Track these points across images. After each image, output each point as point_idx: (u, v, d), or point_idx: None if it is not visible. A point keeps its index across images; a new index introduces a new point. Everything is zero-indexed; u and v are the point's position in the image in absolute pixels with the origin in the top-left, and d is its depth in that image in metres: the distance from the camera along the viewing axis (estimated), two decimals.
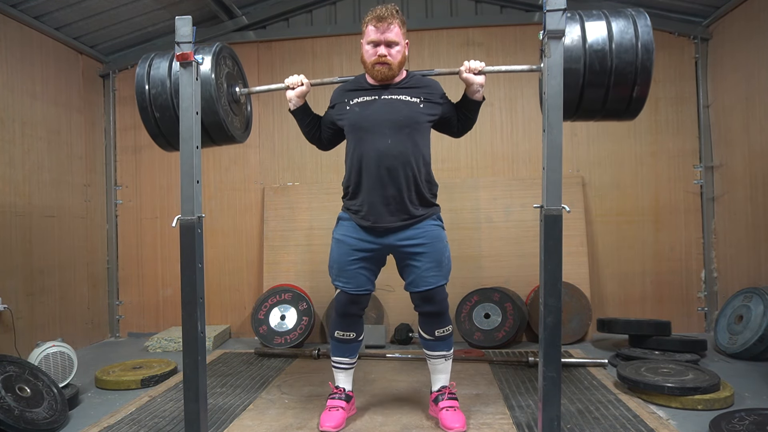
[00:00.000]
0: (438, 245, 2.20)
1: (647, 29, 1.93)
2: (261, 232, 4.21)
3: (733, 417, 2.12)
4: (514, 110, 4.13)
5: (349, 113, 2.21)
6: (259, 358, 3.46)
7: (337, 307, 2.27)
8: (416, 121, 2.17)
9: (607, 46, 1.92)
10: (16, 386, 2.33)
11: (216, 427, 2.25)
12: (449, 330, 2.25)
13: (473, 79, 2.18)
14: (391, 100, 2.17)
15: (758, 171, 3.44)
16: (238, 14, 4.15)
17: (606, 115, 2.09)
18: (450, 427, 2.13)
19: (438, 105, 2.24)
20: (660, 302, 3.97)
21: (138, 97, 2.18)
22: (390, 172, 2.12)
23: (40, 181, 3.60)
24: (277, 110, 4.29)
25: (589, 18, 1.97)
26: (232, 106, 2.35)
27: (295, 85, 2.28)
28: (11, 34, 3.40)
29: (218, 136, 2.26)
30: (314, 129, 2.38)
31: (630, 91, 1.97)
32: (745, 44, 3.53)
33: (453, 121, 2.30)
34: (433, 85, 2.28)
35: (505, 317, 3.59)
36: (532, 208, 1.97)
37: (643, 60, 1.91)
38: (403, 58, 2.17)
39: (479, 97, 2.24)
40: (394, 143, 2.12)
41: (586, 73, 1.93)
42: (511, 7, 4.13)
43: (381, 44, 2.11)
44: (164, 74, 2.15)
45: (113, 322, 4.35)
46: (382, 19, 2.10)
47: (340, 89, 2.32)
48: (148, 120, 2.21)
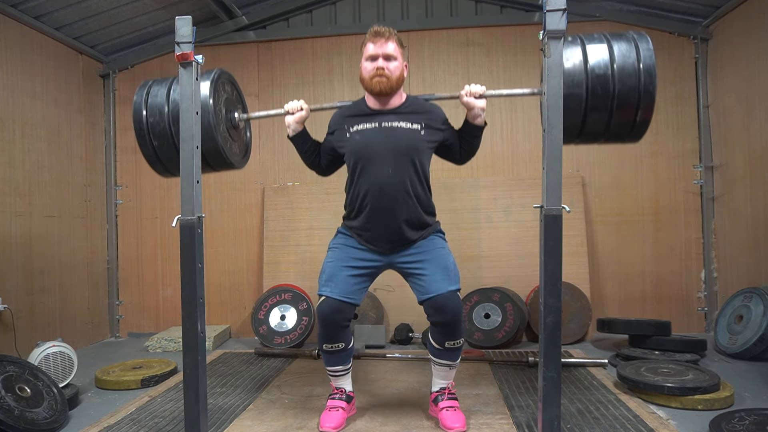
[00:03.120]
0: (440, 252, 2.20)
1: (649, 53, 1.90)
2: (261, 232, 4.21)
3: (733, 417, 2.12)
4: (514, 110, 4.13)
5: (349, 141, 2.20)
6: (259, 358, 3.46)
7: (320, 317, 2.14)
8: (417, 149, 2.16)
9: (609, 70, 1.89)
10: (16, 386, 2.33)
11: (216, 427, 2.25)
12: (460, 343, 2.17)
13: (474, 104, 2.15)
14: (392, 128, 2.15)
15: (758, 171, 3.44)
16: (238, 14, 4.15)
17: (609, 139, 2.07)
18: (450, 427, 2.13)
19: (440, 131, 2.23)
20: (660, 302, 3.97)
21: (135, 125, 2.14)
22: (392, 202, 2.13)
23: (40, 181, 3.60)
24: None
25: (591, 41, 1.95)
26: (231, 132, 2.30)
27: (295, 111, 2.25)
28: (11, 34, 3.40)
29: (217, 163, 2.22)
30: (313, 155, 2.36)
31: (633, 116, 1.94)
32: (745, 44, 3.53)
33: (455, 148, 2.29)
34: (435, 110, 2.25)
35: (505, 317, 3.59)
36: (532, 208, 1.97)
37: (645, 84, 1.89)
38: (401, 75, 2.15)
39: (481, 122, 2.21)
40: (395, 173, 2.12)
41: (589, 98, 1.91)
42: (511, 7, 4.13)
43: (379, 57, 2.11)
44: (162, 102, 2.11)
45: (113, 322, 4.35)
46: (379, 34, 2.12)
47: (339, 115, 2.30)
48: (145, 147, 2.17)
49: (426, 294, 2.12)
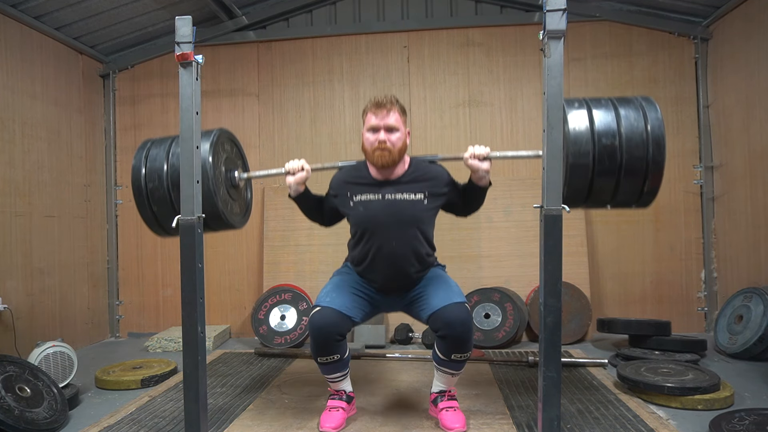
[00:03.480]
0: (440, 278, 2.22)
1: (658, 122, 1.89)
2: (261, 232, 4.21)
3: (733, 417, 2.12)
4: (514, 110, 4.13)
5: (353, 210, 2.20)
6: (259, 358, 3.46)
7: (312, 329, 2.06)
8: (420, 219, 2.16)
9: (616, 141, 1.86)
10: (16, 386, 2.33)
11: (216, 427, 2.25)
12: (467, 356, 2.10)
13: (479, 166, 2.14)
14: (394, 201, 2.14)
15: (758, 171, 3.44)
16: (238, 14, 4.15)
17: (616, 206, 2.05)
18: (450, 427, 2.13)
19: (443, 195, 2.22)
20: (660, 302, 3.97)
21: (134, 190, 2.13)
22: (396, 269, 2.16)
23: (40, 181, 3.60)
24: (277, 110, 4.29)
25: (597, 107, 1.92)
26: (231, 192, 2.28)
27: (295, 171, 2.21)
28: (11, 34, 3.40)
29: (216, 225, 2.20)
30: (315, 212, 2.35)
31: (641, 185, 1.93)
32: (745, 44, 3.53)
33: (458, 205, 2.28)
34: (438, 176, 2.23)
35: (505, 317, 3.59)
36: (532, 208, 1.97)
37: (654, 155, 1.87)
38: (403, 146, 2.14)
39: (485, 183, 2.21)
40: (399, 245, 2.13)
41: (595, 168, 1.89)
42: (511, 7, 4.13)
43: (380, 130, 2.10)
44: (161, 167, 2.09)
45: (113, 322, 4.35)
46: (380, 105, 2.10)
47: (341, 180, 2.27)
48: (144, 211, 2.16)
49: (431, 309, 2.08)
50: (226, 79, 4.33)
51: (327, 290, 2.21)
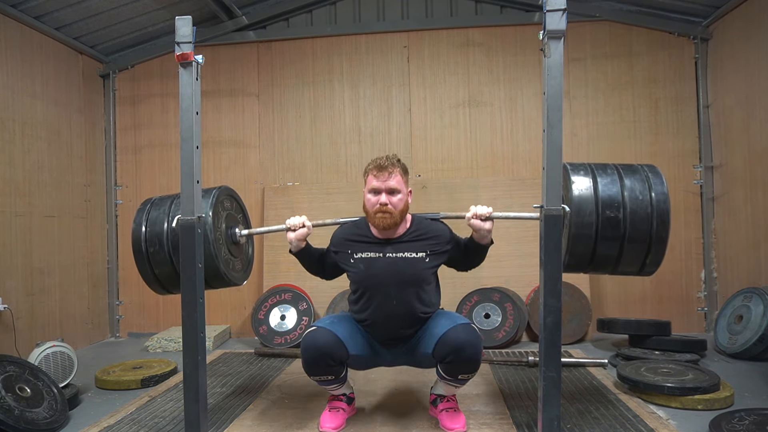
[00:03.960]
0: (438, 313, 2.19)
1: (663, 197, 1.86)
2: None
3: (733, 417, 2.12)
4: (514, 110, 4.13)
5: (354, 268, 2.18)
6: (259, 358, 3.46)
7: (303, 351, 2.06)
8: (422, 278, 2.14)
9: (620, 214, 1.84)
10: (16, 386, 2.33)
11: (216, 427, 2.25)
12: (473, 376, 2.07)
13: (481, 226, 2.10)
14: (396, 260, 2.12)
15: (758, 171, 3.44)
16: (238, 14, 4.15)
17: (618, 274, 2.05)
18: (450, 427, 2.13)
19: (445, 253, 2.19)
20: (660, 302, 3.97)
21: (135, 252, 2.14)
22: (396, 327, 2.14)
23: (40, 181, 3.60)
24: (277, 110, 4.29)
25: (602, 176, 1.90)
26: (232, 249, 2.27)
27: (296, 227, 2.20)
28: (11, 34, 3.40)
29: (217, 284, 2.21)
30: (316, 266, 2.33)
31: (643, 258, 1.92)
32: (745, 44, 3.53)
33: (460, 261, 2.26)
34: (440, 234, 2.19)
35: (505, 317, 3.59)
36: (532, 208, 1.97)
37: (658, 230, 1.85)
38: (405, 206, 2.13)
39: (487, 242, 2.19)
40: (399, 304, 2.10)
41: (598, 239, 1.88)
42: (511, 7, 4.13)
43: (382, 192, 2.08)
44: (161, 231, 2.09)
45: (113, 322, 4.35)
46: (382, 168, 2.08)
47: (341, 237, 2.25)
48: (145, 273, 2.16)
49: (435, 337, 2.03)
50: (226, 79, 4.33)
51: (329, 317, 2.20)
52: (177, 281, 1.99)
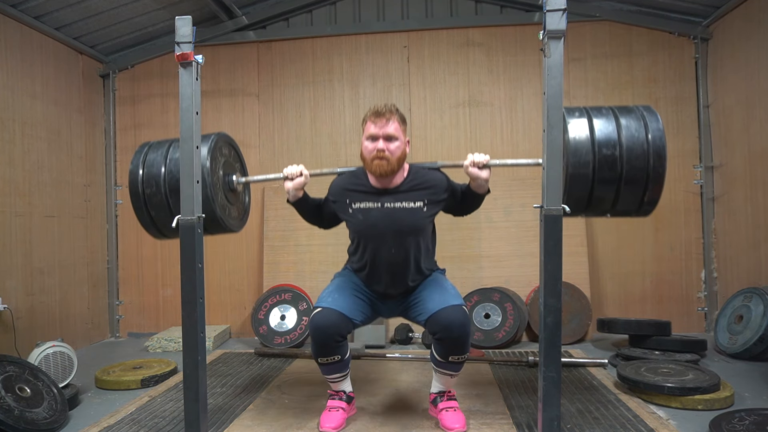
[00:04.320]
0: (437, 280, 2.23)
1: (659, 133, 1.88)
2: (261, 232, 4.21)
3: (733, 417, 2.12)
4: (514, 110, 4.13)
5: (352, 219, 2.20)
6: (259, 358, 3.46)
7: (312, 330, 2.08)
8: (419, 227, 2.17)
9: (617, 151, 1.86)
10: (16, 386, 2.33)
11: (216, 427, 2.25)
12: (465, 357, 2.10)
13: (478, 174, 2.14)
14: (394, 210, 2.14)
15: (758, 171, 3.44)
16: (238, 14, 4.15)
17: (616, 215, 2.06)
18: (450, 427, 2.13)
19: (442, 201, 2.23)
20: (660, 302, 3.97)
21: (132, 195, 2.14)
22: (394, 275, 2.18)
23: (40, 181, 3.60)
24: (277, 110, 4.29)
25: (598, 116, 1.92)
26: (228, 197, 2.28)
27: (294, 176, 2.21)
28: (11, 34, 3.40)
29: (214, 229, 2.21)
30: (314, 216, 2.36)
31: (641, 196, 1.93)
32: (745, 44, 3.53)
33: (456, 207, 2.30)
34: (437, 183, 2.23)
35: (505, 317, 3.59)
36: (532, 208, 1.97)
37: (655, 166, 1.87)
38: (402, 154, 2.14)
39: (484, 191, 2.22)
40: (398, 252, 2.14)
41: (595, 178, 1.89)
42: (511, 7, 4.13)
43: (380, 139, 2.09)
44: (158, 172, 2.10)
45: (113, 322, 4.35)
46: (380, 114, 2.10)
47: (340, 186, 2.27)
48: (142, 216, 2.17)
49: (428, 313, 2.09)
50: (226, 79, 4.33)
51: (328, 291, 2.22)
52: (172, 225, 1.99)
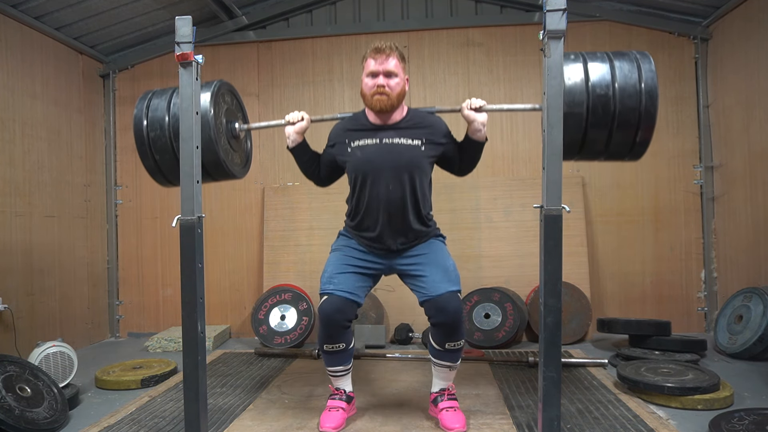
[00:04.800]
0: (439, 254, 2.22)
1: (651, 74, 1.91)
2: (261, 232, 4.21)
3: (733, 417, 2.12)
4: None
5: (350, 156, 2.21)
6: (259, 358, 3.46)
7: (321, 317, 2.14)
8: (417, 165, 2.17)
9: (610, 90, 1.89)
10: (16, 386, 2.33)
11: (216, 427, 2.25)
12: (461, 344, 2.15)
13: (474, 116, 2.15)
14: (392, 145, 2.16)
15: (758, 171, 3.44)
16: (238, 14, 4.15)
17: (609, 157, 2.07)
18: (450, 427, 2.13)
19: (440, 145, 2.23)
20: (660, 302, 3.97)
21: (136, 139, 2.14)
22: (391, 217, 2.17)
23: (40, 181, 3.60)
24: (277, 110, 4.29)
25: (593, 60, 1.95)
26: (231, 143, 2.31)
27: (296, 121, 2.26)
28: (11, 35, 3.40)
29: (218, 174, 2.22)
30: (312, 167, 2.37)
31: (633, 136, 1.95)
32: (745, 44, 3.53)
33: (455, 161, 2.29)
34: (436, 124, 2.25)
35: (505, 317, 3.59)
36: (532, 208, 1.97)
37: (647, 106, 1.89)
38: (402, 91, 2.16)
39: (481, 137, 2.21)
40: (395, 188, 2.14)
41: (589, 117, 1.91)
42: (511, 7, 4.13)
43: (380, 75, 2.11)
44: (162, 115, 2.10)
45: (113, 322, 4.35)
46: (380, 50, 2.12)
47: (339, 127, 2.30)
48: (147, 160, 2.17)
49: (426, 295, 2.13)
50: (226, 78, 4.29)
51: (329, 273, 2.21)
52: (178, 170, 2.00)
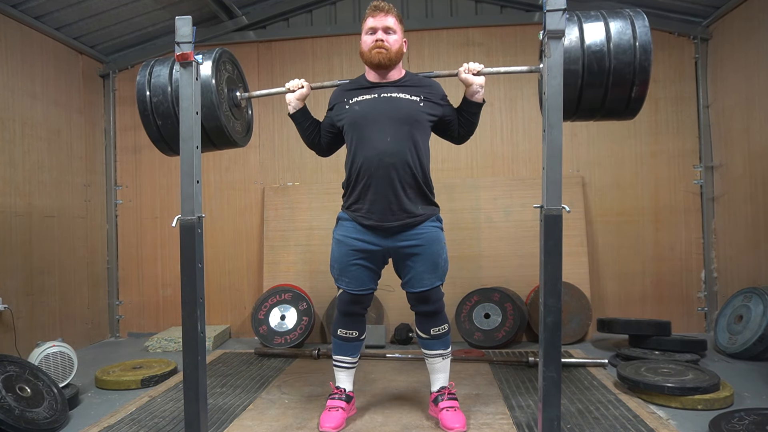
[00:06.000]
0: (435, 247, 2.20)
1: (645, 30, 1.94)
2: (261, 232, 4.21)
3: (733, 417, 2.12)
4: (514, 110, 4.13)
5: (348, 112, 2.22)
6: (259, 358, 3.46)
7: (339, 306, 2.27)
8: (416, 119, 2.17)
9: (605, 47, 1.93)
10: (16, 386, 2.33)
11: (216, 427, 2.25)
12: (445, 329, 2.26)
13: (472, 79, 2.19)
14: (391, 98, 2.18)
15: (758, 171, 3.44)
16: (238, 14, 4.15)
17: (605, 115, 2.11)
18: (450, 427, 2.13)
19: (438, 106, 2.25)
20: (660, 302, 3.97)
21: (139, 105, 2.18)
22: (390, 171, 2.11)
23: (40, 181, 3.60)
24: (277, 110, 4.29)
25: (588, 19, 1.98)
26: (233, 111, 2.35)
27: (296, 88, 2.31)
28: (11, 35, 3.40)
29: (220, 140, 2.27)
30: (314, 133, 2.38)
31: (629, 91, 1.98)
32: (745, 44, 3.53)
33: (454, 125, 2.30)
34: (434, 85, 2.29)
35: (505, 317, 3.59)
36: (532, 208, 1.97)
37: (641, 60, 1.92)
38: (400, 49, 2.19)
39: (479, 99, 2.23)
40: (394, 141, 2.12)
41: (585, 74, 1.94)
42: (511, 7, 4.13)
43: (378, 30, 2.15)
44: (165, 81, 2.15)
45: (113, 322, 4.35)
46: (379, 8, 2.17)
47: (339, 89, 2.34)
48: (149, 126, 2.21)
49: (413, 288, 2.22)
50: None
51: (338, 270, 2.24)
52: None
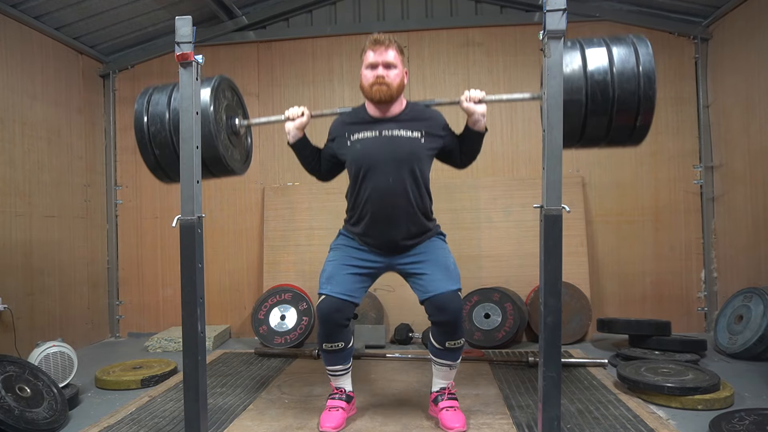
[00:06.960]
0: (439, 252, 2.21)
1: (648, 57, 1.91)
2: (261, 232, 4.21)
3: (733, 417, 2.12)
4: (514, 110, 4.13)
5: (350, 150, 2.21)
6: (259, 358, 3.46)
7: (320, 316, 2.15)
8: (417, 157, 2.17)
9: (608, 76, 1.89)
10: (16, 386, 2.33)
11: (216, 427, 2.25)
12: (461, 343, 2.16)
13: (474, 109, 2.15)
14: (392, 137, 2.16)
15: (758, 171, 3.44)
16: (238, 14, 4.15)
17: (610, 143, 2.07)
18: (450, 427, 2.13)
19: (440, 138, 2.23)
20: (660, 302, 3.97)
21: (137, 134, 2.15)
22: (392, 210, 2.15)
23: (40, 181, 3.60)
24: (277, 111, 4.28)
25: (590, 46, 1.95)
26: (232, 139, 2.31)
27: (295, 117, 2.26)
28: (11, 34, 3.40)
29: (218, 170, 2.23)
30: (314, 161, 2.37)
31: (633, 120, 1.95)
32: (745, 44, 3.53)
33: (455, 153, 2.29)
34: (435, 117, 2.26)
35: (505, 317, 3.59)
36: (532, 208, 1.97)
37: (645, 89, 1.89)
38: (401, 83, 2.16)
39: (481, 128, 2.21)
40: (395, 181, 2.13)
41: (588, 104, 1.91)
42: (511, 7, 4.13)
43: (379, 65, 2.12)
44: (163, 110, 2.12)
45: (113, 322, 4.35)
46: (379, 42, 2.13)
47: (339, 121, 2.31)
48: (147, 156, 2.18)
49: (427, 293, 2.13)
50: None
51: (328, 274, 2.21)
52: (179, 166, 2.00)
